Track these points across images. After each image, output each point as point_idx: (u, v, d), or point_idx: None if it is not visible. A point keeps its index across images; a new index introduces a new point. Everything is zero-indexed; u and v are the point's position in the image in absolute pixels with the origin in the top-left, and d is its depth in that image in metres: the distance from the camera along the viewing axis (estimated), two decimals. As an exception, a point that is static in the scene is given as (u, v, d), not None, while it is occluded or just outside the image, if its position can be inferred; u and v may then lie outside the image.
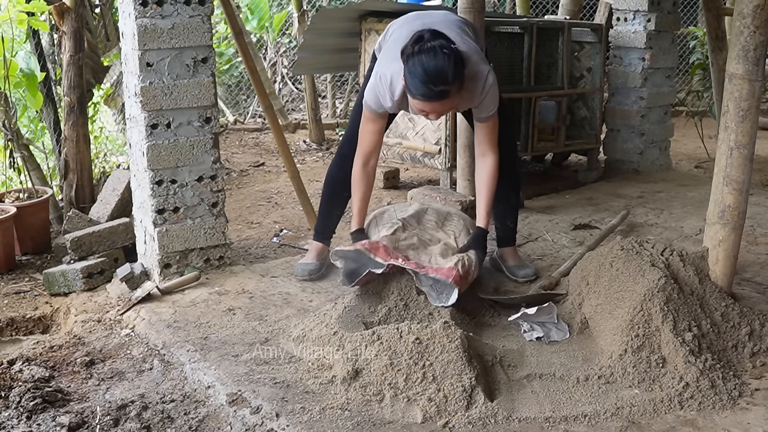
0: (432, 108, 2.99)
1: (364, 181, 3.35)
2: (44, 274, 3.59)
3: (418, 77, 2.87)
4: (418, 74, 2.87)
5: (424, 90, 2.89)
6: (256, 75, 4.24)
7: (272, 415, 2.41)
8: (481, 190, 3.31)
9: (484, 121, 3.23)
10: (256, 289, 3.42)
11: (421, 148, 4.97)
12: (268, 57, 8.50)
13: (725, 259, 2.94)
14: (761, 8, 2.72)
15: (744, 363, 2.73)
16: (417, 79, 2.88)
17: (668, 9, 5.48)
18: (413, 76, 2.89)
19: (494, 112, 3.20)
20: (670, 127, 5.82)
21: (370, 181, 3.38)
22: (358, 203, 3.38)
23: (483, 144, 3.28)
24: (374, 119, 3.25)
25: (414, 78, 2.89)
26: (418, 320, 2.82)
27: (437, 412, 2.40)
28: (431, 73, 2.85)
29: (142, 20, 3.24)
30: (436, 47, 2.86)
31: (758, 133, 2.91)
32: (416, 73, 2.88)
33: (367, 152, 3.31)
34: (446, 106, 3.02)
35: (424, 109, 3.00)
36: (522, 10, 6.79)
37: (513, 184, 3.58)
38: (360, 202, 3.38)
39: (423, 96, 2.92)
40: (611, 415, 2.42)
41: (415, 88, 2.91)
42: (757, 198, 4.79)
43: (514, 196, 3.66)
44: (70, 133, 4.23)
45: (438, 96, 2.91)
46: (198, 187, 3.50)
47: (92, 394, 2.66)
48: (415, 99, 2.96)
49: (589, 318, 2.92)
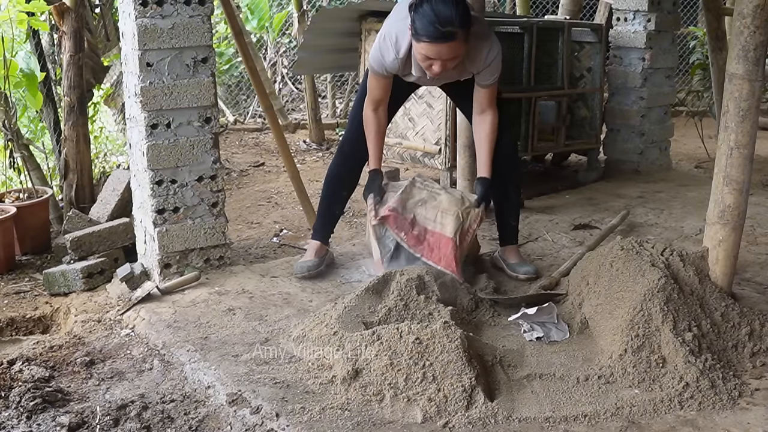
0: (437, 52, 2.97)
1: (376, 122, 3.38)
2: (44, 274, 3.59)
3: (427, 17, 2.92)
4: (426, 15, 2.92)
5: (431, 30, 2.92)
6: (256, 75, 4.24)
7: (272, 415, 2.41)
8: (481, 143, 3.36)
9: (485, 87, 3.30)
10: (256, 289, 3.42)
11: (421, 148, 4.97)
12: (268, 57, 8.50)
13: (725, 259, 2.93)
14: (761, 8, 2.72)
15: (744, 363, 2.73)
16: (425, 19, 2.92)
17: (668, 9, 5.48)
18: (421, 17, 2.93)
19: (496, 79, 3.29)
20: (670, 127, 5.82)
21: (382, 123, 3.40)
22: (374, 143, 3.40)
23: (483, 103, 3.34)
24: (379, 79, 3.29)
25: (422, 19, 2.93)
26: (418, 320, 2.82)
27: (437, 412, 2.39)
28: (440, 14, 2.90)
29: (142, 20, 3.24)
30: None
31: (758, 133, 2.91)
32: (425, 14, 2.92)
33: (376, 99, 3.35)
34: (451, 54, 3.00)
35: (428, 54, 2.99)
36: (522, 10, 6.79)
37: (512, 180, 3.58)
38: (375, 142, 3.40)
39: (429, 36, 2.93)
40: (611, 415, 2.42)
41: (422, 28, 2.94)
42: (757, 198, 4.78)
43: (515, 194, 3.66)
44: (70, 133, 4.23)
45: (444, 37, 2.92)
46: (198, 187, 3.50)
47: (92, 394, 2.66)
48: (420, 42, 2.98)
49: (589, 318, 2.92)
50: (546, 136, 5.19)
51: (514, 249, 3.65)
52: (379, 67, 3.24)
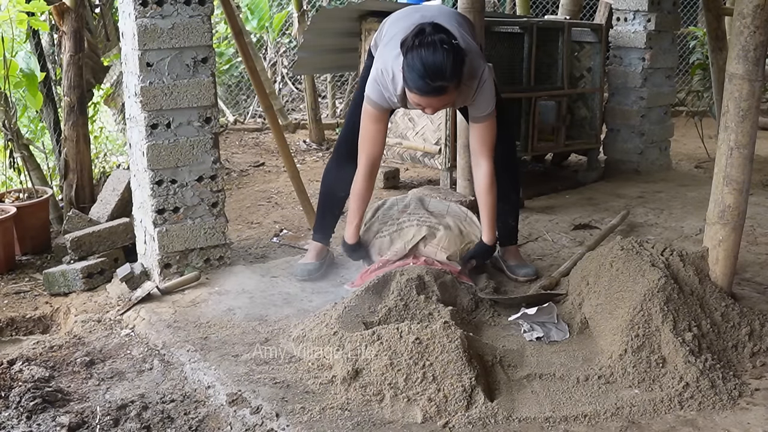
0: (428, 103, 2.95)
1: (367, 194, 3.30)
2: (44, 274, 3.59)
3: (416, 71, 2.84)
4: (416, 68, 2.84)
5: (421, 84, 2.86)
6: (256, 75, 4.24)
7: (272, 415, 2.41)
8: (480, 204, 3.29)
9: (479, 122, 3.18)
10: (256, 289, 3.42)
11: (421, 148, 4.97)
12: (268, 57, 8.50)
13: (725, 259, 2.93)
14: (761, 8, 2.72)
15: (744, 363, 2.73)
16: (415, 72, 2.85)
17: (668, 9, 5.48)
18: (411, 69, 2.86)
19: (490, 112, 3.14)
20: (670, 127, 5.82)
21: (370, 194, 3.32)
22: (357, 212, 3.33)
23: (476, 151, 3.22)
24: (378, 117, 3.17)
25: (412, 71, 2.86)
26: (418, 320, 2.82)
27: (437, 412, 2.39)
28: (429, 68, 2.82)
29: (142, 20, 3.24)
30: (436, 42, 2.82)
31: (758, 133, 2.91)
32: (414, 67, 2.84)
33: (373, 156, 3.23)
34: (443, 102, 2.98)
35: (420, 103, 2.96)
36: (522, 10, 6.79)
37: (513, 182, 3.57)
38: (358, 211, 3.33)
39: (419, 90, 2.88)
40: (611, 415, 2.42)
41: (412, 81, 2.88)
42: (757, 198, 4.78)
43: (515, 194, 3.65)
44: (70, 133, 4.23)
45: (435, 92, 2.87)
46: (198, 187, 3.50)
47: (92, 394, 2.65)
48: (411, 92, 2.93)
49: (589, 318, 2.92)
50: (546, 136, 5.19)
51: (514, 250, 3.65)
52: (380, 99, 3.12)
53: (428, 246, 3.36)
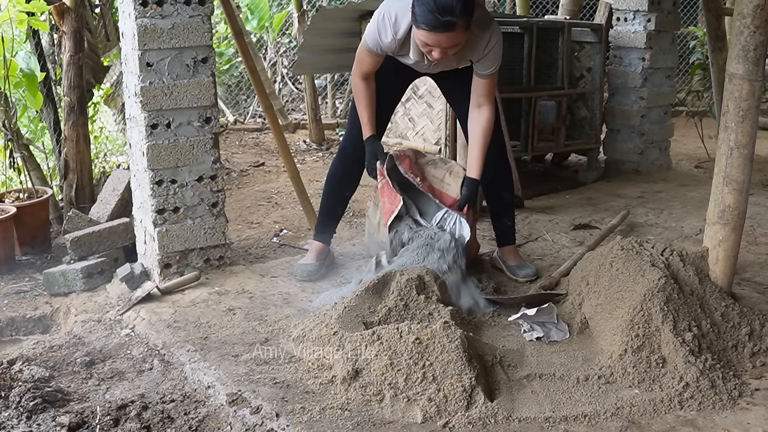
0: (436, 41, 2.91)
1: (367, 90, 3.32)
2: (44, 274, 3.59)
3: (426, 5, 2.85)
4: (426, 2, 2.84)
5: (430, 18, 2.85)
6: (256, 75, 4.24)
7: (272, 415, 2.41)
8: (475, 141, 3.29)
9: (484, 78, 3.23)
10: (256, 289, 3.42)
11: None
12: (268, 57, 8.50)
13: (725, 259, 2.93)
14: (761, 8, 2.72)
15: (744, 363, 2.73)
16: (424, 6, 2.85)
17: (668, 9, 5.48)
18: (421, 3, 2.86)
19: (495, 70, 3.22)
20: (670, 127, 5.82)
21: (372, 91, 3.34)
22: (366, 110, 3.33)
23: (480, 96, 3.26)
24: (371, 56, 3.23)
25: (421, 5, 2.86)
26: (418, 320, 2.82)
27: (437, 412, 2.39)
28: (440, 2, 2.83)
29: (142, 20, 3.24)
30: None
31: (758, 133, 2.91)
32: (425, 1, 2.85)
33: (365, 72, 3.30)
34: (451, 42, 2.93)
35: (427, 42, 2.93)
36: (522, 10, 6.78)
37: (504, 180, 3.56)
38: (367, 109, 3.33)
39: (427, 25, 2.87)
40: (611, 415, 2.42)
41: (421, 16, 2.87)
42: (757, 198, 4.78)
43: (508, 193, 3.62)
44: (70, 133, 4.23)
45: (443, 27, 2.86)
46: (198, 187, 3.50)
47: (92, 394, 2.66)
48: (419, 29, 2.91)
49: (589, 318, 2.92)
50: (546, 136, 5.19)
51: (513, 250, 3.64)
52: (374, 45, 3.18)
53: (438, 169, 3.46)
